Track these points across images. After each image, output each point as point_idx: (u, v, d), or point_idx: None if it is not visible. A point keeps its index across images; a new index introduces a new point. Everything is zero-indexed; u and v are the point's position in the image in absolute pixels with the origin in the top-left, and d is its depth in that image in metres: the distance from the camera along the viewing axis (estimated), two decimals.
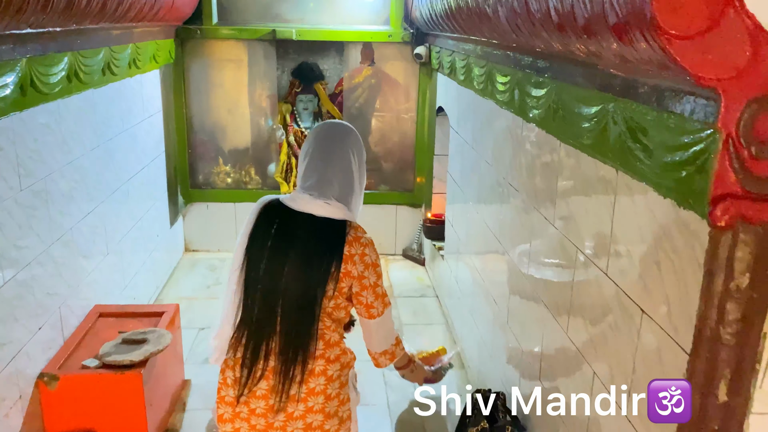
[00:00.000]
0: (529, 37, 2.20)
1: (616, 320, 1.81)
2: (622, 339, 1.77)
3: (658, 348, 1.59)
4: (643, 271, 1.68)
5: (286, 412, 1.94)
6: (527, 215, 2.66)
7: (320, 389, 1.95)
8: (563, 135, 2.18)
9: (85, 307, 3.32)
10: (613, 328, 1.83)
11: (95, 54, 3.33)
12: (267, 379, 1.92)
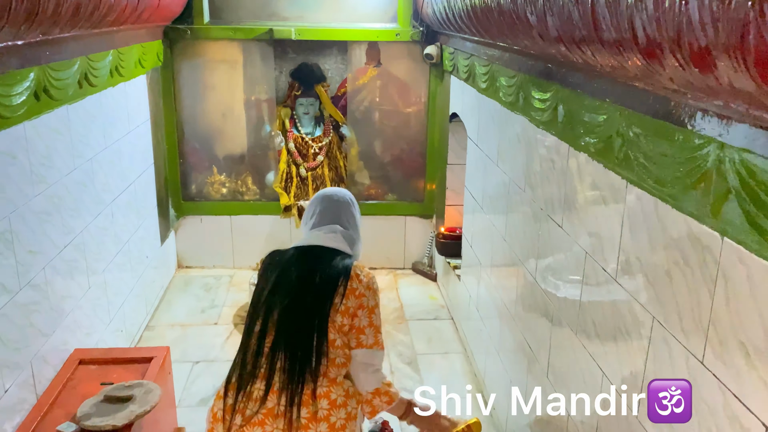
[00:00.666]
0: (588, 54, 1.80)
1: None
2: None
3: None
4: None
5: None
6: (571, 252, 2.27)
7: (324, 414, 1.98)
8: (629, 173, 1.78)
9: (63, 353, 2.94)
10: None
11: (68, 66, 2.92)
12: (266, 401, 1.97)
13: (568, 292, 2.31)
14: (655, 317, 1.68)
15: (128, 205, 3.94)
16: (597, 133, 1.98)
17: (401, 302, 4.76)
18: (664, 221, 1.62)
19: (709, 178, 1.39)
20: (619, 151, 1.83)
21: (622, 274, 1.87)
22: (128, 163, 3.94)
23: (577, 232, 2.21)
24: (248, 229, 5.20)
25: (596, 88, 1.97)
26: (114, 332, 3.63)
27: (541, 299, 2.61)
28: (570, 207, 2.27)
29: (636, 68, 1.53)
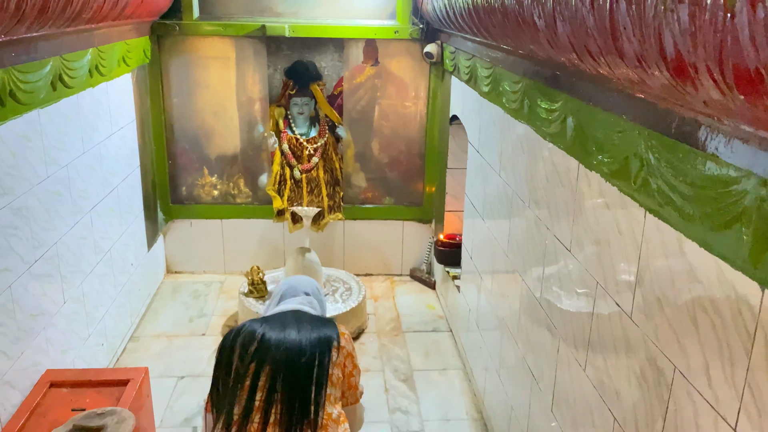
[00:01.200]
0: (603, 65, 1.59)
1: None
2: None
3: None
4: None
5: None
6: (580, 279, 2.07)
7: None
8: (650, 203, 1.57)
9: (33, 375, 2.75)
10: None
11: (39, 67, 2.71)
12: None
13: (575, 325, 2.11)
14: (677, 367, 1.48)
15: (110, 211, 3.74)
16: (611, 152, 1.77)
17: (398, 312, 4.56)
18: (690, 260, 1.42)
19: (747, 219, 1.18)
20: (637, 175, 1.62)
21: (638, 312, 1.67)
22: (111, 167, 3.74)
23: (587, 259, 2.00)
24: (240, 233, 5.01)
25: (612, 102, 1.76)
26: (94, 347, 3.44)
27: (545, 324, 2.41)
28: (580, 230, 2.06)
29: (661, 86, 1.32)
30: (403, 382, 3.71)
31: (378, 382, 3.70)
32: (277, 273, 4.56)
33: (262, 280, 4.20)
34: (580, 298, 2.07)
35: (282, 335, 2.07)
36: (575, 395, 2.12)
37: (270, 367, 2.09)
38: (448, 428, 3.31)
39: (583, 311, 2.04)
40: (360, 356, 3.96)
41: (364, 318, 4.31)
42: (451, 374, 3.81)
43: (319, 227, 4.93)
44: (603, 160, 1.83)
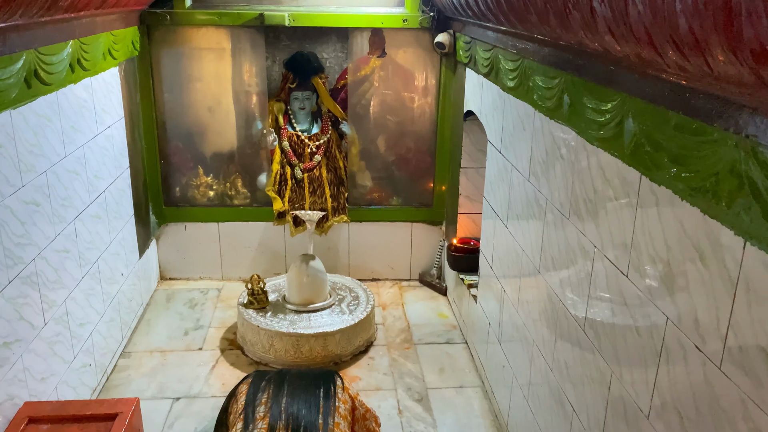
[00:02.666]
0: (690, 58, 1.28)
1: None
2: None
3: None
4: None
5: None
6: (641, 311, 1.77)
7: None
8: (756, 232, 1.27)
9: (9, 410, 2.44)
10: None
11: (8, 62, 2.38)
12: None
13: (633, 363, 1.80)
14: (758, 404, 1.18)
15: (97, 218, 3.42)
16: (694, 165, 1.46)
17: (408, 321, 4.26)
18: None
19: None
20: (734, 196, 1.31)
21: (729, 363, 1.37)
22: (97, 170, 3.41)
23: (652, 291, 1.70)
24: (238, 237, 4.69)
25: (697, 106, 1.45)
26: (80, 369, 3.13)
27: (590, 357, 2.11)
28: (641, 253, 1.76)
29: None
30: (417, 402, 3.41)
31: (391, 402, 3.40)
32: (278, 281, 4.25)
33: (262, 290, 3.89)
34: (642, 335, 1.77)
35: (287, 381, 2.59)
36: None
37: (273, 389, 2.53)
38: None
39: (646, 349, 1.74)
40: (370, 373, 3.67)
41: (373, 330, 4.01)
42: (469, 393, 3.51)
43: (322, 230, 4.62)
44: (680, 175, 1.52)
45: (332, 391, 2.57)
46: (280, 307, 3.91)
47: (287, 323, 3.72)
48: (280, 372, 2.70)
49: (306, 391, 2.54)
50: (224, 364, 3.72)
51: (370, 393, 3.45)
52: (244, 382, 2.69)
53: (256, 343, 3.72)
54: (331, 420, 2.44)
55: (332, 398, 2.53)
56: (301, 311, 3.85)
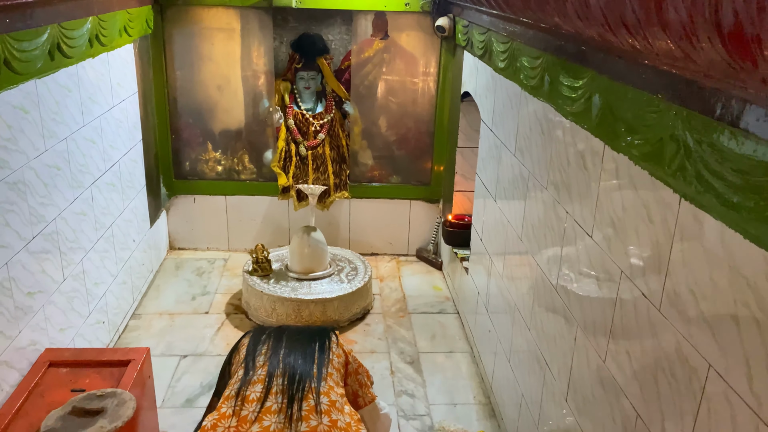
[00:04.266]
0: (639, 38, 1.47)
1: None
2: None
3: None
4: None
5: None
6: (602, 269, 1.97)
7: (325, 408, 2.32)
8: (687, 189, 1.46)
9: (32, 354, 2.67)
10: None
11: (36, 35, 2.59)
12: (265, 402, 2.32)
13: (596, 315, 2.01)
14: (712, 365, 1.39)
15: (112, 186, 3.64)
16: (643, 134, 1.66)
17: (404, 293, 4.48)
18: (732, 253, 1.31)
19: None
20: (673, 159, 1.51)
21: (669, 306, 1.57)
22: (112, 141, 3.63)
23: (611, 246, 1.90)
24: (244, 210, 4.91)
25: (645, 80, 1.64)
26: (94, 325, 3.36)
27: (561, 311, 2.31)
28: (603, 215, 1.96)
29: (710, 62, 1.20)
30: (409, 365, 3.64)
31: (384, 364, 3.63)
32: (281, 251, 4.47)
33: (266, 259, 4.11)
34: (601, 285, 1.98)
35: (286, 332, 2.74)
36: (593, 387, 2.04)
37: (273, 343, 2.67)
38: (456, 413, 3.24)
39: (605, 299, 1.95)
40: (365, 338, 3.89)
41: (370, 299, 4.23)
42: (458, 357, 3.74)
43: (324, 205, 4.83)
44: (633, 142, 1.72)
45: (327, 345, 2.78)
46: (283, 275, 4.13)
47: (289, 289, 3.94)
48: (280, 328, 2.92)
49: (303, 344, 2.76)
50: (229, 326, 3.95)
51: (365, 355, 3.67)
52: (246, 336, 2.90)
53: (259, 307, 3.95)
54: (324, 370, 2.65)
55: (327, 351, 2.75)
56: (302, 279, 4.07)
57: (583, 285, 2.13)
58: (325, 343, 2.79)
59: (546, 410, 2.50)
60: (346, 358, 2.85)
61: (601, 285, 1.99)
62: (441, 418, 3.14)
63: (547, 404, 2.47)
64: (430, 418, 3.20)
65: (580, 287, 2.16)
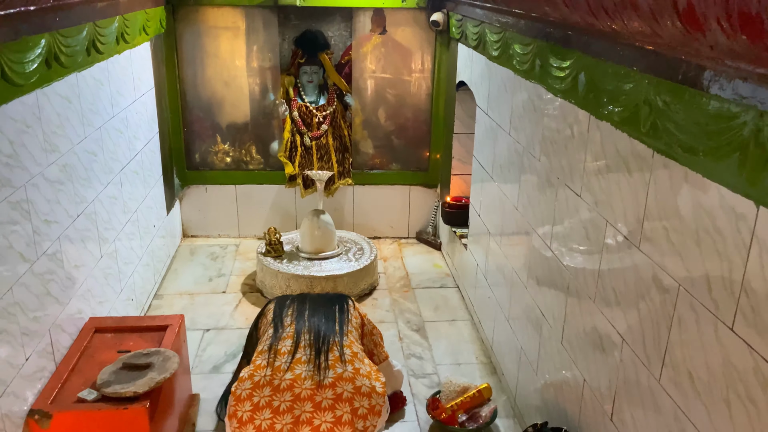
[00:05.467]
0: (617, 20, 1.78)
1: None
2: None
3: None
4: None
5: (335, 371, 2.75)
6: (591, 222, 2.28)
7: (349, 358, 2.81)
8: (658, 144, 1.78)
9: (79, 321, 2.95)
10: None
11: (78, 32, 2.87)
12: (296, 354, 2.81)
13: (586, 259, 2.33)
14: (681, 284, 1.70)
15: (136, 174, 3.91)
16: (622, 101, 1.98)
17: (407, 271, 4.79)
18: (694, 190, 1.63)
19: (745, 147, 1.39)
20: (647, 120, 1.83)
21: (646, 242, 1.89)
22: (135, 132, 3.91)
23: (598, 201, 2.22)
24: (253, 198, 5.19)
25: (622, 56, 1.96)
26: (125, 301, 3.64)
27: (555, 266, 2.63)
28: (590, 176, 2.28)
29: (671, 36, 1.52)
30: (415, 332, 3.95)
31: (392, 332, 3.93)
32: (291, 235, 4.76)
33: (279, 241, 4.41)
34: (591, 239, 2.29)
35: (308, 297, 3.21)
36: (585, 329, 2.35)
37: (297, 306, 3.10)
38: (460, 371, 3.55)
39: (594, 251, 2.26)
40: (374, 310, 4.19)
41: (376, 275, 4.54)
42: (460, 324, 4.05)
43: (329, 192, 5.12)
44: (614, 110, 2.04)
45: (345, 308, 3.09)
46: (295, 256, 4.42)
47: (301, 268, 4.24)
48: (302, 294, 3.22)
49: (324, 306, 3.07)
50: (246, 303, 4.24)
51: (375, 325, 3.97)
52: (270, 303, 3.20)
53: (274, 285, 4.24)
54: (345, 327, 2.96)
55: (345, 313, 3.05)
56: (313, 258, 4.37)
57: (574, 236, 2.44)
58: (343, 306, 3.10)
59: (544, 356, 2.81)
60: (362, 320, 3.15)
61: (590, 236, 2.30)
62: (447, 374, 3.44)
63: (545, 350, 2.79)
64: (437, 376, 3.51)
65: (573, 243, 2.47)
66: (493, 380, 3.47)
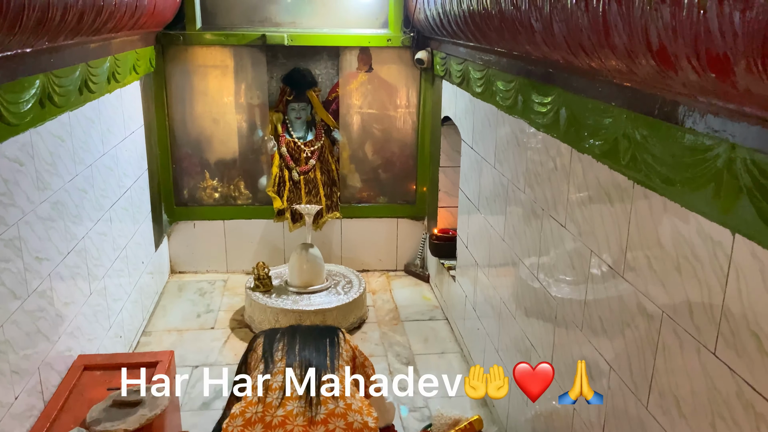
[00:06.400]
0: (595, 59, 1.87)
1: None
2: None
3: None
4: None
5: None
6: (576, 252, 2.34)
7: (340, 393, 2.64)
8: (638, 175, 1.86)
9: (68, 359, 2.94)
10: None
11: (71, 72, 2.93)
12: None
13: (572, 288, 2.38)
14: (664, 311, 1.76)
15: (125, 210, 3.94)
16: (602, 135, 2.06)
17: (395, 303, 4.81)
18: (673, 219, 1.70)
19: (719, 178, 1.46)
20: (626, 152, 1.90)
21: (629, 270, 1.95)
22: (125, 169, 3.94)
23: (581, 231, 2.28)
24: (241, 233, 5.22)
25: (601, 92, 2.05)
26: (113, 338, 3.62)
27: (542, 296, 2.68)
28: (573, 207, 2.34)
29: (646, 74, 1.60)
30: (405, 365, 3.95)
31: (383, 365, 3.93)
32: (280, 269, 4.77)
33: (267, 275, 4.42)
34: (576, 268, 2.35)
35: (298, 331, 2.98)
36: (573, 353, 2.39)
37: (287, 340, 2.96)
38: (451, 403, 3.55)
39: (579, 280, 2.32)
40: (363, 344, 4.20)
41: (365, 309, 4.55)
42: (450, 357, 4.07)
43: (317, 226, 5.16)
44: (595, 143, 2.12)
45: (336, 341, 3.10)
46: (283, 290, 4.43)
47: (290, 302, 4.25)
48: (292, 327, 3.23)
49: (315, 339, 3.07)
50: (235, 339, 4.23)
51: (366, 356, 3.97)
52: (259, 337, 3.19)
53: (263, 320, 4.24)
54: (336, 362, 2.97)
55: (336, 346, 3.06)
56: (302, 292, 4.38)
57: (560, 266, 2.50)
58: (334, 339, 3.11)
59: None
60: (353, 353, 3.16)
61: (575, 265, 2.36)
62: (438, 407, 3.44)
63: None
64: (428, 409, 3.51)
65: (558, 272, 2.53)
66: (484, 412, 3.47)
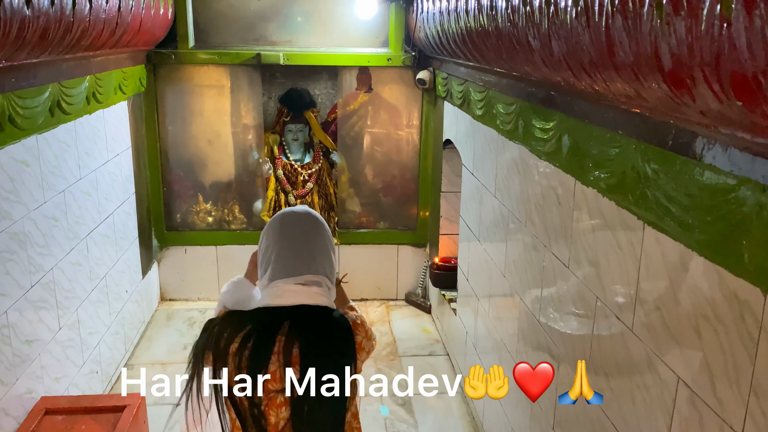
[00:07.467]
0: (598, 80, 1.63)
1: None
2: None
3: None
4: None
5: None
6: (578, 295, 2.08)
7: None
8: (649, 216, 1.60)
9: (28, 402, 2.70)
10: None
11: (38, 93, 2.73)
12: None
13: (576, 338, 2.12)
14: (680, 378, 1.49)
15: (106, 237, 3.72)
16: (608, 167, 1.81)
17: (394, 337, 4.54)
18: (690, 270, 1.44)
19: (746, 225, 1.21)
20: (635, 188, 1.65)
21: (639, 325, 1.68)
22: (106, 194, 3.74)
23: (586, 275, 2.02)
24: (235, 259, 4.98)
25: (607, 119, 1.80)
26: (88, 375, 3.39)
27: (544, 342, 2.41)
28: (577, 246, 2.09)
29: (657, 99, 1.36)
30: (401, 407, 3.68)
31: (376, 406, 3.66)
32: None
33: None
34: (579, 314, 2.09)
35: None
36: (577, 414, 2.12)
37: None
38: None
39: (583, 327, 2.05)
40: None
41: None
42: (448, 398, 3.78)
43: None
44: (600, 176, 1.87)
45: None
46: None
47: None
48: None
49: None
50: None
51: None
52: None
53: None
54: None
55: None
56: None
57: (563, 309, 2.24)
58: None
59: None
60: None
61: (578, 308, 2.10)
62: None
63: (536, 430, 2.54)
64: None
65: (560, 314, 2.26)
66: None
